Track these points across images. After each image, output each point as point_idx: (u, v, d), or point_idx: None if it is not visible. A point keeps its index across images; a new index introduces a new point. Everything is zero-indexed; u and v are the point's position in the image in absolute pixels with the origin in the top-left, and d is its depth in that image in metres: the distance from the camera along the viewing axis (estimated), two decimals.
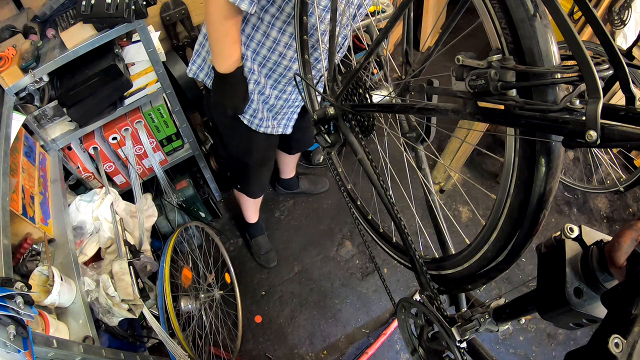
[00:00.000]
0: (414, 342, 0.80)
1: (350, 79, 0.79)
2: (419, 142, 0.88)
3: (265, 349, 1.84)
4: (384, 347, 1.84)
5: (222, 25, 1.02)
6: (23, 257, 1.17)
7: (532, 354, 1.86)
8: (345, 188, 1.06)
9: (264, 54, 1.14)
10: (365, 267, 2.07)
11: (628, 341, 0.32)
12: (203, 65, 1.27)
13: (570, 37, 0.38)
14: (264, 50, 1.14)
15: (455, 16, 0.63)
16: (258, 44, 1.13)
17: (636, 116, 0.37)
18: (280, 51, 1.14)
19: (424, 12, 2.81)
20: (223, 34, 1.04)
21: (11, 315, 0.79)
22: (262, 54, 1.14)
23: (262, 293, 1.99)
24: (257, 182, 1.70)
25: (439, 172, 2.29)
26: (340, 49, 1.20)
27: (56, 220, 1.36)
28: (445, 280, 0.74)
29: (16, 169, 1.26)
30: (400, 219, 0.74)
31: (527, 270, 2.08)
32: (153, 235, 1.79)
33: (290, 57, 1.16)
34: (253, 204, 1.90)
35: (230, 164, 1.74)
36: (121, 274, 1.35)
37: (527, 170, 0.50)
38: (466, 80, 0.49)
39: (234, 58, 1.10)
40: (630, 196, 2.42)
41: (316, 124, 0.91)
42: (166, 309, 1.53)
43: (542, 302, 0.48)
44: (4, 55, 1.30)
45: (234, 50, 1.09)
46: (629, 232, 0.41)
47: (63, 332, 1.10)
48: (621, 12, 1.98)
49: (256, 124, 1.31)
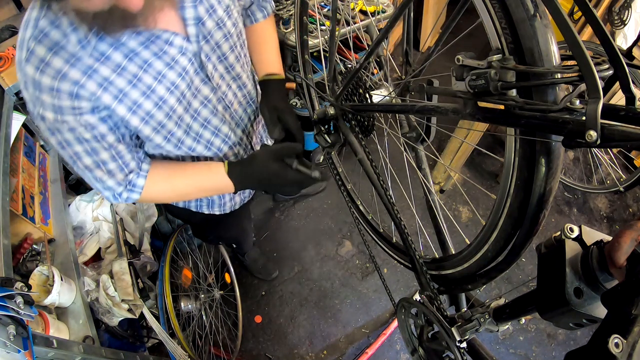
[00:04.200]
0: (414, 342, 0.80)
1: (350, 79, 0.79)
2: (419, 142, 0.88)
3: (265, 349, 1.84)
4: (384, 347, 1.84)
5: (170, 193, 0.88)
6: (23, 257, 1.17)
7: (532, 354, 1.86)
8: (345, 188, 1.06)
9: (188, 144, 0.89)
10: (365, 267, 2.07)
11: (628, 341, 0.32)
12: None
13: (570, 37, 0.38)
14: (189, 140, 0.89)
15: (455, 16, 0.63)
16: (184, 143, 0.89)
17: (636, 116, 0.37)
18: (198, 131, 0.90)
19: (424, 12, 2.81)
20: (179, 193, 0.90)
21: (11, 315, 0.79)
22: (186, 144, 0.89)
23: (262, 293, 1.99)
24: (247, 239, 1.75)
25: (439, 172, 2.29)
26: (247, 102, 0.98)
27: (56, 220, 1.36)
28: (445, 280, 0.74)
29: (16, 169, 1.26)
30: (400, 219, 0.74)
31: (527, 270, 2.08)
32: (153, 235, 1.79)
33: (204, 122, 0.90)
34: None
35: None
36: (121, 274, 1.35)
37: (527, 170, 0.50)
38: (466, 80, 0.49)
39: (221, 184, 0.87)
40: (630, 196, 2.42)
41: (316, 124, 0.91)
42: (166, 309, 1.53)
43: (542, 302, 0.48)
44: (4, 55, 1.30)
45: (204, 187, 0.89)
46: (629, 232, 0.41)
47: (63, 332, 1.11)
48: (621, 12, 1.98)
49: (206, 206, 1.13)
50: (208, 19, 0.77)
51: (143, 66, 0.71)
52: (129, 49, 0.69)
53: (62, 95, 0.66)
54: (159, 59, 0.72)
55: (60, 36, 0.64)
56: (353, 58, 1.55)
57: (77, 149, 0.74)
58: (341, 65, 0.96)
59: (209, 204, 1.11)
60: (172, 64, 0.74)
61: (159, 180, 0.84)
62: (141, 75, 0.71)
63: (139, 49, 0.70)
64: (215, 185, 0.88)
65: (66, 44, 0.64)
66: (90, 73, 0.67)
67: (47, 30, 0.63)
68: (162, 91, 0.75)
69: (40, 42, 0.63)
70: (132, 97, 0.72)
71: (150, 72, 0.72)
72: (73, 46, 0.65)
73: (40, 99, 0.67)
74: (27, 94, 0.68)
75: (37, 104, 0.68)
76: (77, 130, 0.71)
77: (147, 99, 0.74)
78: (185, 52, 0.75)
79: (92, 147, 0.74)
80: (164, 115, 0.78)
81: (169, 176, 0.86)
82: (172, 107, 0.78)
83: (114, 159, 0.77)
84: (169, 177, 0.86)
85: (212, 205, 1.12)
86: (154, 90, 0.74)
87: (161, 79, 0.74)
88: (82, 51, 0.65)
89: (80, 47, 0.65)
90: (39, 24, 0.63)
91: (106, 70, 0.68)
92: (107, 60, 0.68)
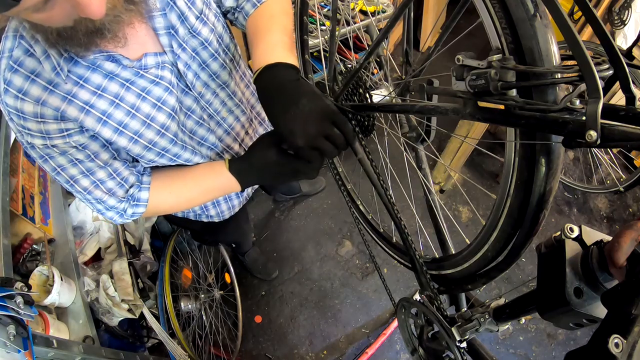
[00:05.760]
0: (414, 342, 0.80)
1: (350, 78, 0.79)
2: (419, 142, 0.88)
3: (265, 349, 1.84)
4: (384, 347, 1.84)
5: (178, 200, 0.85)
6: (23, 257, 1.17)
7: (532, 354, 1.86)
8: (345, 188, 1.06)
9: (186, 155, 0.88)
10: (365, 267, 2.07)
11: (628, 341, 0.32)
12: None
13: (571, 37, 0.38)
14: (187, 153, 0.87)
15: (455, 16, 0.63)
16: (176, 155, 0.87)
17: (636, 116, 0.37)
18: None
19: (424, 12, 2.81)
20: (188, 199, 0.86)
21: (11, 315, 0.79)
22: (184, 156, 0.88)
23: (262, 293, 1.99)
24: (246, 240, 1.79)
25: (439, 172, 2.29)
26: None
27: (56, 220, 1.36)
28: (445, 280, 0.74)
29: (16, 169, 1.26)
30: (400, 219, 0.74)
31: (527, 270, 2.08)
32: (153, 235, 1.79)
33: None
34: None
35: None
36: (121, 274, 1.35)
37: (527, 170, 0.50)
38: (466, 80, 0.49)
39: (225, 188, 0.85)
40: (630, 196, 2.42)
41: None
42: (166, 309, 1.53)
43: (542, 302, 0.48)
44: None
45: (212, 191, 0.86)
46: (629, 232, 0.41)
47: (63, 332, 1.11)
48: (621, 12, 1.98)
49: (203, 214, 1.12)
50: (180, 26, 0.73)
51: (125, 85, 0.69)
52: (107, 70, 0.67)
53: (47, 119, 0.65)
54: (141, 77, 0.71)
55: (35, 64, 0.63)
56: (353, 58, 1.55)
57: (72, 172, 0.72)
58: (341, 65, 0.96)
59: (207, 213, 1.10)
60: (156, 81, 0.72)
61: (162, 189, 0.82)
62: (123, 95, 0.70)
63: (117, 70, 0.68)
64: (219, 185, 0.83)
65: (42, 71, 0.63)
66: (69, 99, 0.66)
67: (22, 59, 0.62)
68: (148, 108, 0.72)
69: (15, 72, 0.62)
70: (117, 117, 0.70)
71: (132, 91, 0.70)
72: (48, 73, 0.63)
73: (26, 127, 0.66)
74: (13, 124, 0.67)
75: (24, 134, 0.67)
76: (69, 152, 0.70)
77: (132, 119, 0.72)
78: (163, 65, 0.73)
79: (87, 168, 0.73)
80: (155, 133, 0.76)
81: (170, 183, 0.83)
82: (164, 124, 0.76)
83: (112, 176, 0.76)
84: (171, 184, 0.83)
85: (210, 213, 1.11)
86: (139, 109, 0.72)
87: (145, 96, 0.72)
88: (57, 78, 0.64)
89: (55, 74, 0.64)
90: (13, 54, 0.62)
91: (86, 94, 0.67)
92: (87, 82, 0.66)
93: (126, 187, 0.78)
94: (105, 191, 0.76)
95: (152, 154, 0.79)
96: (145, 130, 0.74)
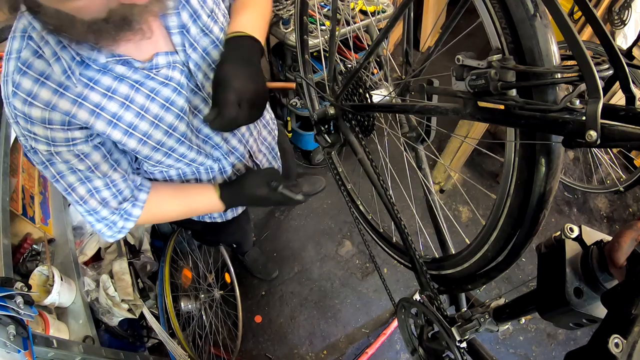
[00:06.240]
0: (414, 342, 0.80)
1: (350, 78, 0.79)
2: (419, 142, 0.88)
3: (265, 349, 1.84)
4: (384, 347, 1.84)
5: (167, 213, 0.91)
6: (23, 257, 1.17)
7: (532, 354, 1.86)
8: (345, 188, 1.06)
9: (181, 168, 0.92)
10: (365, 267, 2.07)
11: (628, 341, 0.32)
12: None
13: (570, 37, 0.38)
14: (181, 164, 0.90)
15: (455, 16, 0.63)
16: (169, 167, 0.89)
17: (636, 116, 0.37)
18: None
19: (424, 12, 2.81)
20: (177, 213, 0.91)
21: (11, 315, 0.79)
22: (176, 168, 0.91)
23: (262, 293, 1.99)
24: (247, 240, 1.78)
25: (439, 172, 2.29)
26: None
27: (56, 220, 1.36)
28: (445, 280, 0.74)
29: (16, 169, 1.26)
30: (400, 219, 0.74)
31: (527, 270, 2.08)
32: (153, 235, 1.79)
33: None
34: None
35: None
36: (121, 274, 1.35)
37: (527, 170, 0.50)
38: (466, 80, 0.49)
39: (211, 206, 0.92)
40: (630, 196, 2.42)
41: (316, 124, 0.91)
42: (166, 309, 1.53)
43: (542, 302, 0.48)
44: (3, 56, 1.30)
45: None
46: (629, 232, 0.41)
47: (63, 332, 1.11)
48: (621, 12, 1.98)
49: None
50: (192, 25, 0.73)
51: (134, 86, 0.69)
52: (117, 73, 0.67)
53: (55, 125, 0.65)
54: (151, 79, 0.71)
55: (44, 66, 0.62)
56: (353, 58, 1.55)
57: (70, 180, 0.73)
58: (341, 65, 0.96)
59: (210, 214, 1.11)
60: (165, 82, 0.72)
61: (152, 206, 0.85)
62: (133, 96, 0.70)
63: (128, 73, 0.68)
64: (206, 208, 0.94)
65: (51, 73, 0.62)
66: (79, 102, 0.65)
67: (31, 61, 0.61)
68: (156, 109, 0.73)
69: (24, 74, 0.61)
70: (127, 119, 0.70)
71: (142, 92, 0.70)
72: (58, 76, 0.62)
73: (32, 131, 0.65)
74: (18, 128, 0.66)
75: (28, 138, 0.67)
76: (71, 162, 0.71)
77: (142, 120, 0.72)
78: (174, 65, 0.73)
79: (85, 176, 0.74)
80: (163, 134, 0.76)
81: (161, 202, 0.87)
82: (171, 124, 0.76)
83: (108, 186, 0.77)
84: (162, 203, 0.87)
85: (212, 214, 1.13)
86: (148, 109, 0.72)
87: (154, 97, 0.72)
88: (68, 81, 0.63)
89: (66, 77, 0.63)
90: (21, 56, 0.61)
91: (96, 97, 0.66)
92: (97, 84, 0.66)
93: (119, 199, 0.79)
94: (99, 201, 0.77)
95: (159, 155, 0.80)
96: (154, 130, 0.75)
